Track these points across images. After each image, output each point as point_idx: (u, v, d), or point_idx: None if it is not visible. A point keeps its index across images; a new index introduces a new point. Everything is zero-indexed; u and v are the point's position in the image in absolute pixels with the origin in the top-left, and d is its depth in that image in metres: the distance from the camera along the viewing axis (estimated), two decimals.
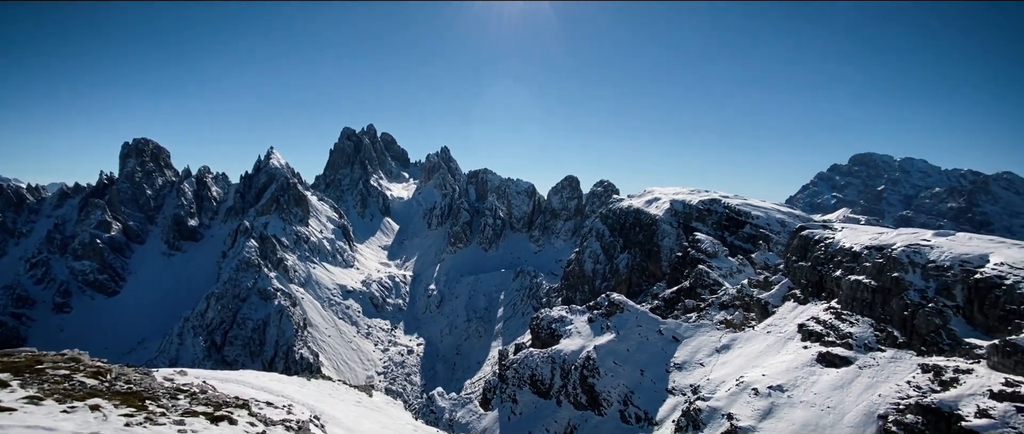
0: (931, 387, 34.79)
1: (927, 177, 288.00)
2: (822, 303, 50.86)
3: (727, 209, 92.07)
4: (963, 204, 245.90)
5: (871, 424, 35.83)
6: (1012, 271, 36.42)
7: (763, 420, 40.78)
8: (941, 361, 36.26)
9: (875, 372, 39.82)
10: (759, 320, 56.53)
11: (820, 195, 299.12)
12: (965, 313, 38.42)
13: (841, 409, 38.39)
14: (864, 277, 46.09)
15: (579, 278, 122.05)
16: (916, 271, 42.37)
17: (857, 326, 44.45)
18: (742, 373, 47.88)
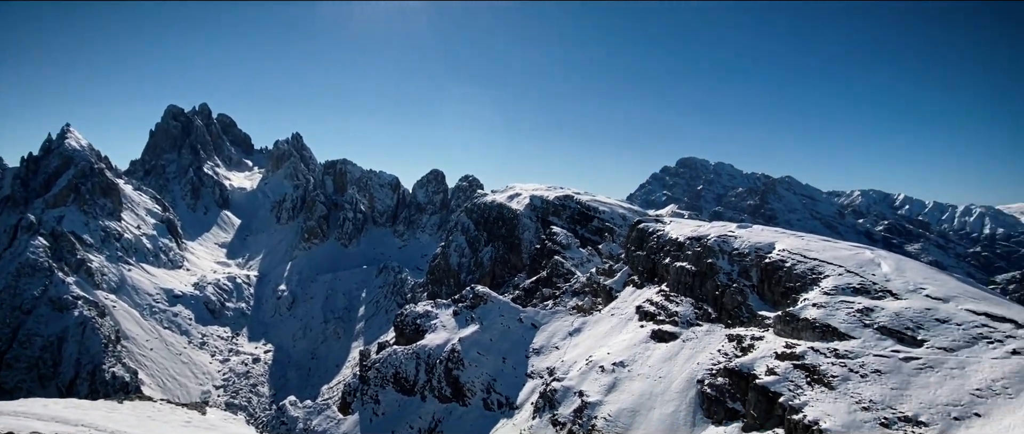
0: (735, 353, 42.17)
1: (733, 179, 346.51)
2: (655, 287, 58.22)
3: (579, 205, 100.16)
4: (758, 201, 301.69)
5: (692, 388, 42.24)
6: (790, 256, 45.68)
7: (608, 393, 45.45)
8: (742, 331, 44.18)
9: (695, 344, 46.94)
10: (605, 304, 62.72)
11: (654, 193, 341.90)
12: (759, 290, 47.24)
13: (669, 378, 44.53)
14: (687, 263, 53.89)
15: (445, 272, 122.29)
16: (724, 257, 50.85)
17: (681, 306, 51.79)
18: (591, 353, 52.71)
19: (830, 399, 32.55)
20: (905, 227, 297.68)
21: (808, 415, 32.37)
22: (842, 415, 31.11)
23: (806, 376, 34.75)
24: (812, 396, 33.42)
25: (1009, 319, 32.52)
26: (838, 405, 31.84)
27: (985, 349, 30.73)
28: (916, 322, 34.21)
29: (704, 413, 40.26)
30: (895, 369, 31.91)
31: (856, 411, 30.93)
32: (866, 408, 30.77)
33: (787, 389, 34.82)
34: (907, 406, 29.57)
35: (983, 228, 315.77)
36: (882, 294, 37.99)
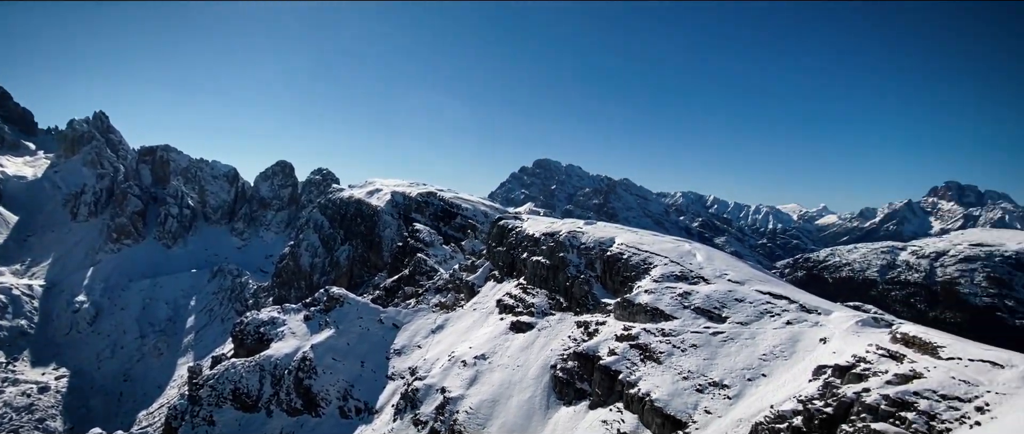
0: (583, 338, 46.12)
1: (581, 179, 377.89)
2: (514, 281, 60.88)
3: (442, 202, 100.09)
4: (602, 201, 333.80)
5: (546, 374, 45.15)
6: (627, 249, 51.29)
7: (470, 387, 46.33)
8: (588, 318, 48.50)
9: (549, 332, 50.23)
10: (467, 300, 63.76)
11: (513, 191, 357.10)
12: (602, 280, 52.25)
13: (527, 366, 47.01)
14: (542, 258, 57.37)
15: (295, 274, 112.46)
16: (574, 251, 55.25)
17: (537, 297, 54.98)
18: (454, 349, 53.17)
19: (659, 372, 37.54)
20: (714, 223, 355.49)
21: (642, 388, 36.93)
22: (668, 385, 36.12)
23: (640, 354, 39.56)
24: (645, 371, 38.19)
25: (785, 296, 40.89)
26: (665, 377, 36.89)
27: (769, 321, 38.25)
28: (721, 302, 41.17)
29: (557, 396, 43.38)
30: (706, 342, 38.03)
31: (678, 381, 36.15)
32: (685, 378, 36.16)
33: (625, 367, 39.25)
34: (715, 373, 35.48)
35: (768, 224, 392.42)
36: (697, 280, 44.93)
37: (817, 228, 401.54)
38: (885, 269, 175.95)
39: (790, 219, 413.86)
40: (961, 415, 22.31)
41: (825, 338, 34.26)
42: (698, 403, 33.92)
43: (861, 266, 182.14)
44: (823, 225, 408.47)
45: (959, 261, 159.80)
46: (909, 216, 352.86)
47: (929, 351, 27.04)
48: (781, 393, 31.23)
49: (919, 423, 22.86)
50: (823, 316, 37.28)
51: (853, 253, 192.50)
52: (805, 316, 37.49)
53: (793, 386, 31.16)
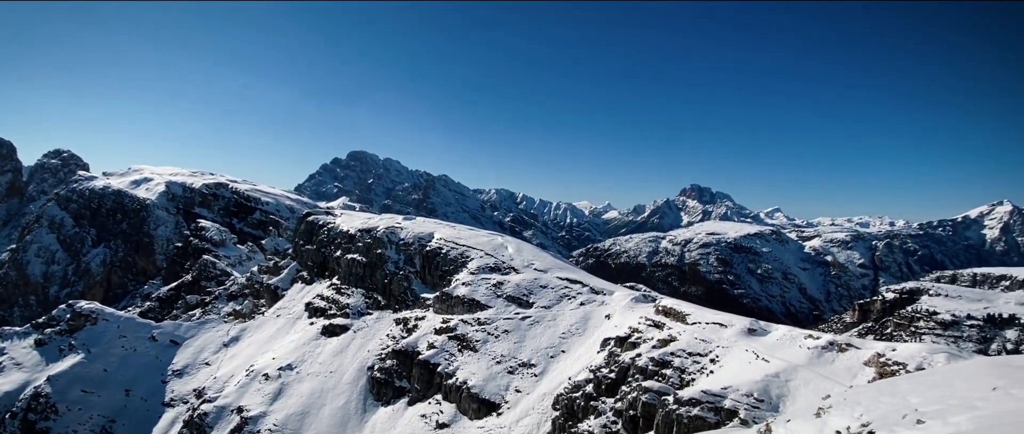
0: (402, 335, 45.58)
1: (400, 174, 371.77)
2: (326, 281, 56.86)
3: (236, 194, 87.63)
4: (421, 196, 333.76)
5: (363, 376, 43.37)
6: (446, 243, 52.34)
7: (274, 402, 41.78)
8: (408, 314, 48.13)
9: (366, 332, 48.31)
10: (269, 305, 57.23)
11: (325, 184, 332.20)
12: (421, 275, 52.35)
13: (341, 371, 44.43)
14: (358, 255, 54.82)
15: (19, 287, 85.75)
16: (392, 247, 54.16)
17: (353, 297, 52.37)
18: (253, 361, 47.23)
19: (474, 360, 39.39)
20: (524, 218, 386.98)
21: (459, 377, 38.26)
22: (483, 371, 38.15)
23: (458, 345, 40.90)
24: (462, 361, 39.65)
25: (579, 281, 46.72)
26: (480, 364, 38.88)
27: (567, 304, 43.27)
28: (529, 289, 45.12)
29: (374, 397, 42.06)
30: (516, 327, 41.28)
31: (492, 365, 38.47)
32: (499, 362, 38.69)
33: (443, 359, 40.15)
34: (524, 354, 38.76)
35: (566, 218, 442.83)
36: (509, 270, 48.38)
37: (603, 222, 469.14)
38: (652, 254, 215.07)
39: (583, 214, 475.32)
40: (701, 367, 28.64)
41: (609, 315, 40.33)
42: (510, 384, 36.66)
43: (635, 253, 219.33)
44: (608, 219, 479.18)
45: (699, 246, 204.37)
46: (668, 211, 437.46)
47: (680, 319, 34.01)
48: (577, 365, 35.77)
49: (674, 377, 28.58)
50: (608, 296, 43.78)
51: (629, 242, 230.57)
52: (595, 297, 43.52)
53: (586, 358, 35.96)
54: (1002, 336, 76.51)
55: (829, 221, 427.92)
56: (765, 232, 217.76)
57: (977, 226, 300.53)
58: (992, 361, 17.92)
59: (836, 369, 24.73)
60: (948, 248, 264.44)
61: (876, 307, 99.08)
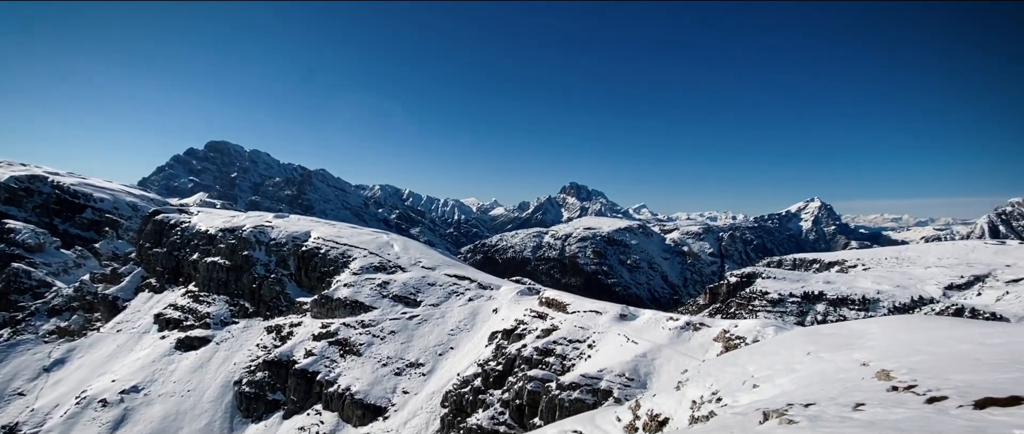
0: (275, 344, 41.92)
1: (270, 168, 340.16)
2: (180, 289, 50.20)
3: (59, 189, 73.33)
4: (296, 192, 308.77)
5: (229, 392, 39.07)
6: (325, 242, 49.22)
7: (115, 432, 35.92)
8: (281, 320, 44.37)
9: (231, 344, 43.58)
10: (107, 319, 48.94)
11: (177, 178, 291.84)
12: (297, 278, 48.61)
13: (201, 389, 39.56)
14: (220, 258, 49.17)
15: None
16: (261, 248, 49.51)
17: (214, 305, 46.92)
18: (86, 386, 40.05)
19: (359, 364, 37.63)
20: (410, 215, 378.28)
21: (341, 384, 36.27)
22: (368, 375, 36.62)
23: (340, 350, 38.74)
24: (345, 366, 37.64)
25: (468, 277, 47.00)
26: (365, 368, 37.26)
27: (456, 300, 43.28)
28: (416, 288, 44.27)
29: (243, 414, 38.13)
30: (404, 327, 40.27)
31: (378, 368, 37.11)
32: (385, 364, 37.43)
33: (323, 366, 37.75)
34: (412, 354, 37.98)
35: (454, 215, 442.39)
36: (395, 269, 46.97)
37: (491, 218, 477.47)
38: (536, 249, 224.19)
39: (471, 211, 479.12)
40: (580, 352, 30.56)
41: (497, 309, 41.20)
42: (397, 386, 35.67)
43: (520, 248, 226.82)
44: (495, 216, 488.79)
45: (578, 240, 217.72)
46: (550, 208, 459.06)
47: (561, 309, 35.92)
48: (466, 361, 35.99)
49: (556, 364, 30.13)
50: (495, 291, 44.68)
51: (515, 238, 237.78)
52: (483, 292, 44.13)
53: (475, 353, 36.34)
54: (814, 309, 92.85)
55: (686, 216, 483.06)
56: (634, 227, 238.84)
57: (796, 219, 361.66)
58: (806, 330, 21.68)
59: (692, 346, 28.03)
60: (775, 237, 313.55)
61: (723, 290, 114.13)
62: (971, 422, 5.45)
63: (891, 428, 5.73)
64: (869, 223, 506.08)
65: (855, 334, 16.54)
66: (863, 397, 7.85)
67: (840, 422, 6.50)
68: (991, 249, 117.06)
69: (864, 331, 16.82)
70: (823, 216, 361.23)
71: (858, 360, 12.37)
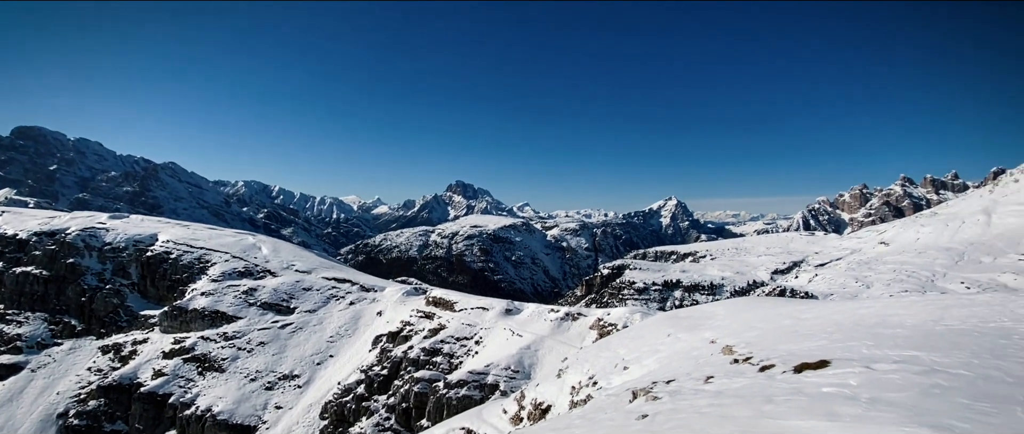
0: (112, 365, 35.87)
1: (103, 161, 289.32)
2: None
3: None
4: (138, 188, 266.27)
5: (51, 427, 32.59)
6: (176, 246, 43.33)
7: None
8: (121, 338, 38.09)
9: (53, 369, 36.40)
10: None
11: None
12: (140, 288, 42.11)
13: (11, 427, 32.47)
14: (35, 268, 40.79)
15: None
16: (93, 255, 42.04)
17: (29, 325, 38.85)
18: None
19: (222, 381, 33.75)
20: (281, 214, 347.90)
21: (201, 405, 32.22)
22: (233, 393, 33.01)
23: (198, 367, 34.38)
24: (205, 385, 33.49)
25: (349, 279, 44.65)
26: (229, 385, 33.51)
27: (335, 305, 40.88)
28: (289, 293, 40.94)
29: None
30: (275, 337, 37.01)
31: (245, 384, 33.64)
32: (253, 379, 34.05)
33: (177, 387, 33.21)
34: (285, 366, 35.06)
35: (333, 214, 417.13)
36: (263, 274, 42.91)
37: (374, 217, 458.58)
38: (422, 248, 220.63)
39: (352, 209, 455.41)
40: (467, 349, 30.81)
41: (381, 311, 39.78)
42: (268, 401, 32.67)
43: (406, 247, 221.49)
44: (378, 214, 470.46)
45: (465, 239, 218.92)
46: (436, 206, 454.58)
47: (449, 307, 35.86)
48: (347, 368, 34.20)
49: (444, 363, 30.04)
50: (379, 292, 43.10)
51: (400, 237, 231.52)
52: (365, 295, 42.29)
53: (357, 359, 34.71)
54: (673, 295, 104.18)
55: (565, 214, 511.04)
56: (518, 224, 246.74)
57: (657, 216, 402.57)
58: (667, 315, 24.31)
59: (571, 335, 29.82)
60: (641, 232, 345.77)
61: (597, 281, 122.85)
62: (792, 384, 6.58)
63: (734, 395, 6.69)
64: (715, 218, 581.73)
65: (705, 316, 18.94)
66: (712, 370, 9.03)
67: (694, 394, 7.42)
68: (805, 239, 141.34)
69: (712, 313, 19.32)
70: (679, 213, 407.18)
71: (708, 338, 14.19)
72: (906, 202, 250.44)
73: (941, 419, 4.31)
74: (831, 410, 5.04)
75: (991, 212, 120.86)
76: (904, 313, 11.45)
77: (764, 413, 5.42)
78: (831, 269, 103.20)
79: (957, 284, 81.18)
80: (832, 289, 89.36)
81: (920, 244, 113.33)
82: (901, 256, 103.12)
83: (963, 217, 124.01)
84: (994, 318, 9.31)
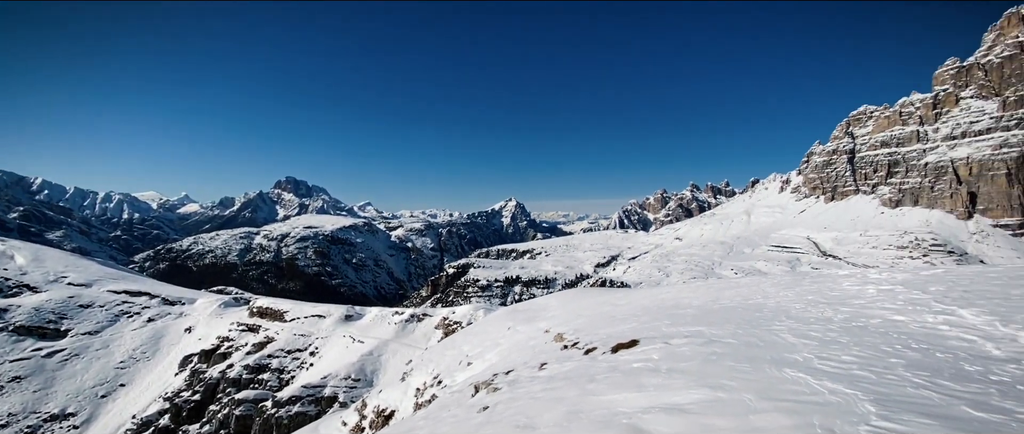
0: None
1: None
2: None
3: None
4: None
5: None
6: None
7: None
8: None
9: None
10: None
11: None
12: None
13: None
14: None
15: None
16: None
17: None
18: None
19: None
20: (45, 214, 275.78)
21: None
22: None
23: None
24: None
25: (146, 292, 37.49)
26: None
27: (127, 323, 33.94)
28: (59, 313, 32.76)
29: None
30: (38, 369, 29.27)
31: None
32: (4, 425, 26.45)
33: None
34: (54, 403, 27.94)
35: (123, 213, 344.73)
36: (19, 290, 33.63)
37: (180, 217, 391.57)
38: (244, 252, 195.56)
39: (149, 208, 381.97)
40: (301, 362, 28.38)
41: (191, 327, 34.28)
42: None
43: (223, 251, 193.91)
44: (186, 214, 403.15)
45: (297, 241, 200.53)
46: (261, 204, 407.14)
47: (278, 317, 32.57)
48: (146, 397, 28.68)
49: (273, 379, 27.22)
50: (188, 305, 37.10)
51: (215, 240, 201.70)
52: (169, 309, 36.02)
53: (160, 385, 29.39)
54: (513, 291, 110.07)
55: (410, 213, 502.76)
56: (359, 224, 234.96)
57: (499, 216, 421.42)
58: (507, 309, 25.65)
59: (416, 336, 29.55)
60: (484, 232, 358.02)
61: (443, 281, 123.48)
62: (610, 363, 7.52)
63: (563, 377, 7.40)
64: (549, 218, 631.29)
65: (541, 308, 20.48)
66: (546, 358, 9.84)
67: (530, 381, 8.01)
68: (620, 237, 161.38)
69: (546, 305, 20.98)
70: (519, 213, 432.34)
71: (542, 328, 15.38)
72: (694, 205, 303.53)
73: (717, 380, 5.37)
74: (639, 382, 5.91)
75: (751, 213, 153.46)
76: (692, 296, 13.92)
77: (588, 391, 6.12)
78: (640, 261, 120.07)
79: (728, 271, 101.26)
80: (641, 278, 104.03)
81: (704, 239, 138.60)
82: (691, 249, 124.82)
83: (732, 217, 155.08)
84: (752, 296, 11.88)
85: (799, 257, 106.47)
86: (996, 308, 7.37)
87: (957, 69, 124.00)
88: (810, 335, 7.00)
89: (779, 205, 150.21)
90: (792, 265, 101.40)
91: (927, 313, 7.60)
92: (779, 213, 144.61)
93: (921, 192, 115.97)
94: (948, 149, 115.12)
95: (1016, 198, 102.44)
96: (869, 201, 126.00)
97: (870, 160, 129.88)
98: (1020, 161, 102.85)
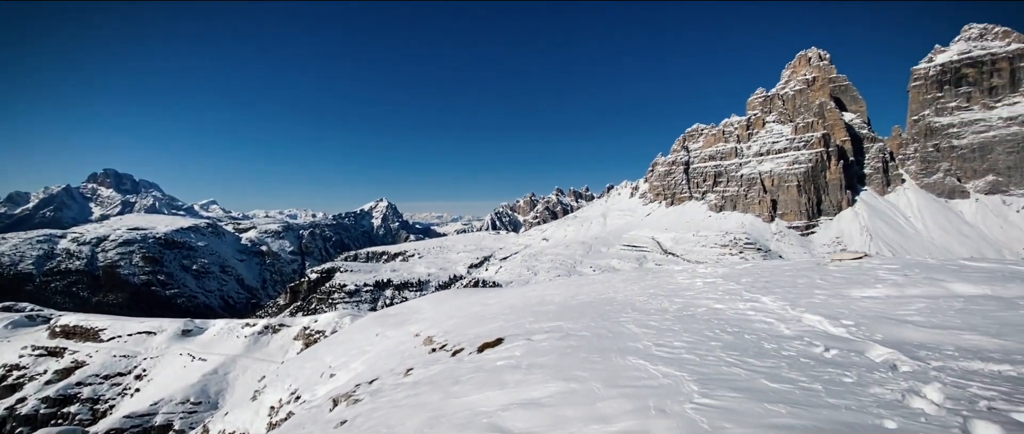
0: None
1: None
2: None
3: None
4: None
5: None
6: None
7: None
8: None
9: None
10: None
11: None
12: None
13: None
14: None
15: None
16: None
17: None
18: None
19: None
20: None
21: None
22: None
23: None
24: None
25: None
26: None
27: None
28: None
29: None
30: None
31: None
32: None
33: None
34: None
35: None
36: None
37: None
38: (43, 259, 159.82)
39: None
40: (123, 388, 24.05)
41: None
42: None
43: (13, 259, 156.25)
44: None
45: (119, 245, 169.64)
46: (69, 201, 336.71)
47: (91, 337, 27.21)
48: None
49: (83, 412, 22.67)
50: None
51: (2, 245, 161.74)
52: None
53: None
54: (384, 295, 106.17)
55: (264, 213, 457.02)
56: (201, 225, 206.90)
57: (369, 217, 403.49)
58: (376, 315, 24.64)
59: (271, 350, 26.91)
60: (352, 234, 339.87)
61: (304, 287, 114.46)
62: (475, 363, 7.62)
63: (428, 382, 7.31)
64: (423, 220, 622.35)
65: (412, 311, 20.06)
66: (413, 362, 9.64)
67: (394, 388, 7.77)
68: (492, 238, 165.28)
69: (418, 308, 20.62)
70: (390, 214, 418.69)
71: (412, 332, 15.07)
72: (559, 208, 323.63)
73: (572, 372, 5.75)
74: (502, 379, 6.08)
75: (606, 216, 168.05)
76: (554, 293, 14.78)
77: (452, 394, 6.12)
78: (511, 261, 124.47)
79: (588, 268, 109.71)
80: (512, 278, 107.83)
81: (567, 239, 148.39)
82: (556, 249, 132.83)
83: (591, 220, 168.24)
84: (605, 292, 12.98)
85: (646, 255, 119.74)
86: (787, 294, 9.04)
87: (764, 98, 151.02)
88: (650, 325, 7.86)
89: (630, 209, 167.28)
90: (640, 262, 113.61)
91: (739, 301, 9.03)
92: (630, 216, 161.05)
93: (738, 199, 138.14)
94: (757, 163, 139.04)
95: (804, 205, 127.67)
96: (700, 206, 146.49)
97: (701, 171, 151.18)
98: (806, 175, 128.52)
